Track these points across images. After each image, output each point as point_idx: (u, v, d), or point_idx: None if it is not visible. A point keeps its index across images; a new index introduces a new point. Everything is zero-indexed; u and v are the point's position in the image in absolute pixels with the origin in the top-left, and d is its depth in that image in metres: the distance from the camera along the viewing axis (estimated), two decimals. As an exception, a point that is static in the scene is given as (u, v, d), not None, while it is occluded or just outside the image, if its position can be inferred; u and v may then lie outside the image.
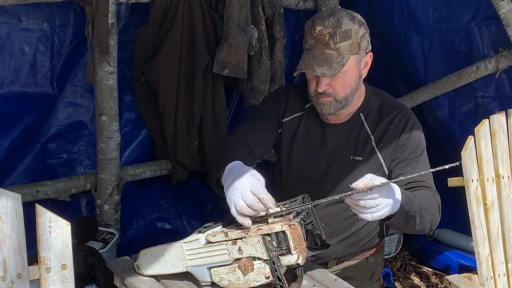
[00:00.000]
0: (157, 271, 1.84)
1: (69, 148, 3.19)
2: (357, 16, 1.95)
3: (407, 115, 2.06)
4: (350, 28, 1.89)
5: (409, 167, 2.00)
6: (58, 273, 1.61)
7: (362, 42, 1.93)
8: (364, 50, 1.95)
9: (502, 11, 2.84)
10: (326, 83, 1.94)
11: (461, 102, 3.33)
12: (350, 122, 2.07)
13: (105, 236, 3.04)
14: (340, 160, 2.06)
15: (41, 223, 1.58)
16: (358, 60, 1.95)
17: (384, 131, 2.03)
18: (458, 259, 3.52)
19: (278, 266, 1.64)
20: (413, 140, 2.02)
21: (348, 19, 1.90)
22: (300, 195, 1.78)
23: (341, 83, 1.95)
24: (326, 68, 1.88)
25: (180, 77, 3.16)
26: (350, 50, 1.90)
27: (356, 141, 2.05)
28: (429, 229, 1.93)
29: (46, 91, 3.04)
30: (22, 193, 2.75)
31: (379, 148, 2.03)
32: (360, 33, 1.92)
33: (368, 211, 1.63)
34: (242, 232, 1.66)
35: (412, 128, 2.03)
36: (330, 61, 1.89)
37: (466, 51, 3.19)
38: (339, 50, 1.89)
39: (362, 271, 2.21)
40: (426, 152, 2.07)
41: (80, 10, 2.98)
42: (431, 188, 1.97)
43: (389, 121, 2.04)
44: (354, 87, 1.98)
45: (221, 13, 3.13)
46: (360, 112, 2.07)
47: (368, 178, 1.60)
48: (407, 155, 2.01)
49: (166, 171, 3.39)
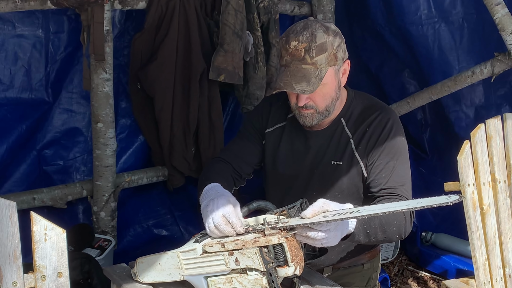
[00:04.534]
0: (154, 279, 1.84)
1: (65, 154, 3.18)
2: (331, 26, 1.93)
3: (387, 116, 2.02)
4: (325, 41, 1.88)
5: (383, 173, 1.96)
6: (54, 281, 1.60)
7: (339, 52, 1.92)
8: (341, 59, 1.95)
9: (497, 16, 2.85)
10: (306, 96, 1.94)
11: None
12: (331, 127, 2.07)
13: (102, 243, 3.03)
14: (322, 165, 2.06)
15: (37, 230, 1.57)
16: (336, 71, 1.95)
17: (363, 132, 2.01)
18: (456, 263, 3.53)
19: (275, 277, 1.64)
20: (392, 142, 1.98)
21: (322, 31, 1.89)
22: (299, 201, 1.77)
23: (321, 95, 1.95)
24: (304, 84, 1.88)
25: (176, 84, 3.16)
26: (327, 62, 1.90)
27: (337, 146, 2.05)
28: (397, 238, 1.92)
29: (41, 97, 3.03)
30: (18, 201, 2.75)
31: (358, 151, 2.01)
32: (335, 44, 1.91)
33: (318, 242, 1.66)
34: (239, 243, 1.65)
35: (391, 129, 2.00)
36: (308, 76, 1.88)
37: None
38: (316, 64, 1.88)
39: (358, 277, 2.20)
40: (406, 156, 2.02)
41: (74, 16, 2.98)
42: (402, 197, 1.93)
43: (369, 123, 2.02)
44: (334, 97, 1.99)
45: (216, 19, 3.13)
46: (341, 117, 2.07)
47: (319, 205, 1.63)
48: (383, 159, 1.97)
49: (162, 177, 3.39)
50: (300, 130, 2.10)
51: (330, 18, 3.57)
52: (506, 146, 2.36)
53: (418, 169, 3.95)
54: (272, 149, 2.15)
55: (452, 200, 1.46)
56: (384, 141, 1.98)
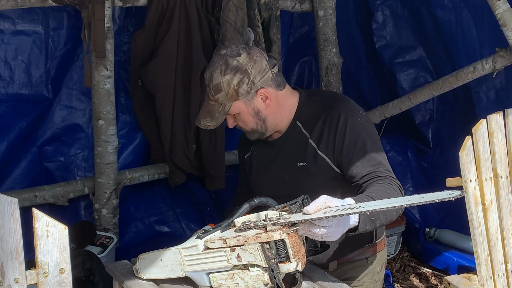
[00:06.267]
0: (155, 275, 1.84)
1: (66, 151, 3.18)
2: (232, 63, 1.96)
3: (338, 110, 2.05)
4: (219, 82, 1.96)
5: (357, 162, 1.98)
6: (56, 277, 1.60)
7: (241, 88, 1.97)
8: (246, 93, 1.99)
9: (498, 11, 2.84)
10: (231, 122, 2.08)
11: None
12: (289, 132, 2.12)
13: (104, 241, 3.03)
14: (290, 169, 2.10)
15: (39, 227, 1.57)
16: (246, 102, 2.01)
17: (321, 130, 2.05)
18: (458, 259, 3.53)
19: (277, 273, 1.64)
20: (351, 132, 2.00)
21: (219, 71, 1.96)
22: (300, 197, 1.78)
23: (241, 121, 2.07)
24: (208, 120, 2.04)
25: (177, 81, 3.15)
26: (228, 99, 1.99)
27: (298, 148, 2.09)
28: (396, 215, 1.93)
29: (41, 93, 3.03)
30: (20, 198, 2.75)
31: (321, 149, 2.04)
32: (234, 82, 1.96)
33: (319, 237, 1.67)
34: (241, 239, 1.65)
35: (346, 121, 2.01)
36: (213, 112, 2.02)
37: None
38: (218, 101, 2.00)
39: (362, 271, 2.21)
40: (372, 137, 2.04)
41: (74, 12, 2.97)
42: (385, 177, 1.95)
43: (324, 121, 2.05)
44: (257, 120, 2.06)
45: (217, 16, 3.13)
46: (296, 120, 2.11)
47: (321, 201, 1.63)
48: (350, 150, 2.00)
49: (164, 174, 3.38)
50: (264, 142, 2.19)
51: (331, 14, 3.56)
52: (508, 141, 2.36)
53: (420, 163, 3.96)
54: (250, 169, 2.25)
55: (454, 195, 1.46)
56: (343, 135, 2.01)
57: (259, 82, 2.00)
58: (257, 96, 2.02)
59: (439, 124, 3.85)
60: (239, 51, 1.99)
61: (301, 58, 4.03)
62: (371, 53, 3.95)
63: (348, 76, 3.87)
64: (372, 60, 3.98)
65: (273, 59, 2.06)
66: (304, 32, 3.96)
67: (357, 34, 3.98)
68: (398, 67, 3.84)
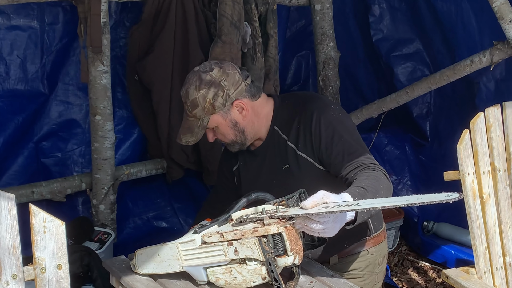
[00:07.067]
0: (153, 270, 1.84)
1: (62, 146, 3.17)
2: (206, 77, 2.02)
3: (310, 108, 2.08)
4: (195, 97, 2.02)
5: (338, 157, 1.99)
6: (54, 273, 1.60)
7: (216, 101, 2.02)
8: (222, 106, 2.03)
9: (495, 4, 2.84)
10: (211, 136, 2.14)
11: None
12: (269, 138, 2.16)
13: (101, 236, 3.03)
14: (277, 174, 2.14)
15: (36, 223, 1.57)
16: (223, 114, 2.06)
17: (297, 131, 2.08)
18: (457, 253, 3.53)
19: (274, 267, 1.64)
20: (326, 127, 2.03)
21: (194, 87, 2.02)
22: (297, 191, 1.78)
23: (220, 134, 2.12)
24: (188, 135, 2.10)
25: (173, 75, 3.15)
26: (205, 113, 2.04)
27: (280, 152, 2.13)
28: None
29: (37, 89, 3.02)
30: (17, 194, 2.75)
31: (300, 149, 2.08)
32: (209, 96, 2.01)
33: (316, 232, 1.67)
34: (238, 233, 1.65)
35: (320, 118, 2.04)
36: (192, 127, 2.08)
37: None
38: (196, 116, 2.06)
39: (363, 263, 2.22)
40: (348, 129, 2.05)
41: (70, 7, 2.96)
42: (367, 165, 1.96)
43: (298, 122, 2.09)
44: (236, 132, 2.10)
45: (214, 10, 3.12)
46: (274, 126, 2.15)
47: (319, 196, 1.64)
48: (328, 146, 2.02)
49: (161, 170, 3.38)
50: (248, 152, 2.22)
51: (328, 8, 3.55)
52: (506, 134, 2.36)
53: (418, 157, 3.96)
54: (239, 180, 2.27)
55: (452, 198, 1.46)
56: (318, 132, 2.03)
57: (234, 94, 2.04)
58: (233, 108, 2.06)
59: (436, 118, 3.85)
60: (211, 66, 2.05)
61: (298, 52, 4.03)
62: (368, 47, 3.95)
63: (346, 70, 3.87)
64: (369, 53, 3.98)
65: (246, 71, 2.11)
66: (301, 26, 3.95)
67: (355, 28, 3.98)
68: (396, 60, 3.84)
